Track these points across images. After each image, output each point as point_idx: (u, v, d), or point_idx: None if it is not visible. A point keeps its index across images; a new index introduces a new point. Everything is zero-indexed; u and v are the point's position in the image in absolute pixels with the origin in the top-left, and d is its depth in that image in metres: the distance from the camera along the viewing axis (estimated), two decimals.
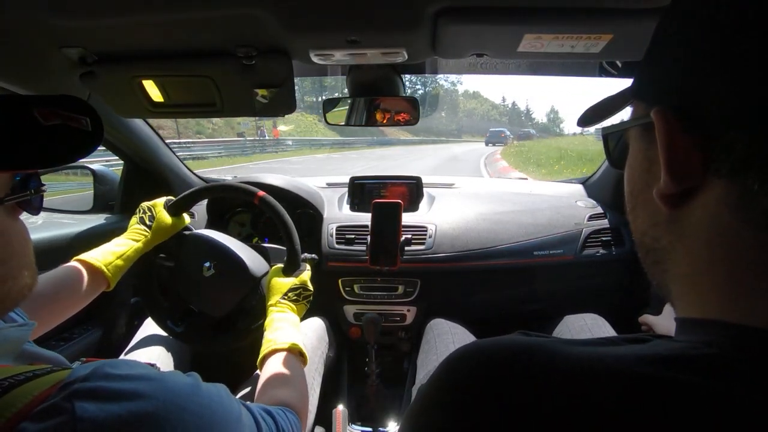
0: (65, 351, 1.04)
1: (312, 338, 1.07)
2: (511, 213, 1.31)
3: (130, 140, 1.20)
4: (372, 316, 1.06)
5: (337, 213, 1.33)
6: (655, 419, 0.21)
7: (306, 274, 0.86)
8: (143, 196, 1.05)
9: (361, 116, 0.88)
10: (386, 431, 1.09)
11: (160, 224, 0.89)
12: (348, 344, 1.35)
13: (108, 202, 1.31)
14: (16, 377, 0.31)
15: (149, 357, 0.95)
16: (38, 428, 0.28)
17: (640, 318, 0.89)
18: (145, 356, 0.95)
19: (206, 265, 0.90)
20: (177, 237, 0.93)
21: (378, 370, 1.10)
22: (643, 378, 0.22)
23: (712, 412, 0.20)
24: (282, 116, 0.87)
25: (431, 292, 1.26)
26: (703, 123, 0.24)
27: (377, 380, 1.10)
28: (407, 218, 1.24)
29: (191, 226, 0.98)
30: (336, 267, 1.24)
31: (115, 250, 0.81)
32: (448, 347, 1.05)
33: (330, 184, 1.51)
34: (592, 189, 1.45)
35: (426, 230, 1.24)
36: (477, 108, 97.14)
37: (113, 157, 1.28)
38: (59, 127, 0.38)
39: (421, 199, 1.36)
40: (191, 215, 1.33)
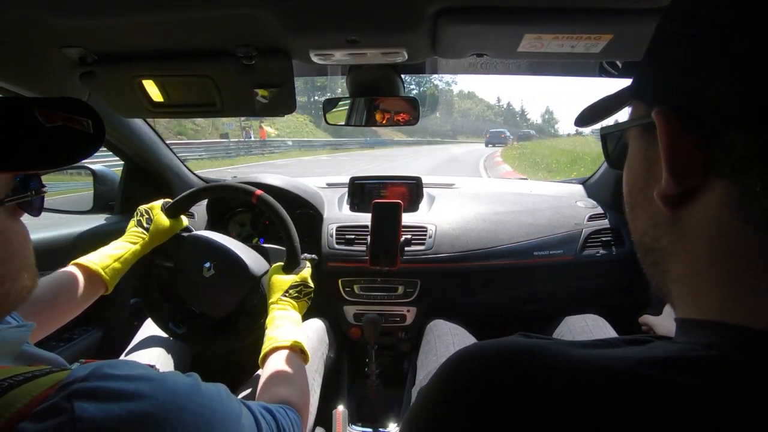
0: (65, 352, 1.04)
1: (312, 339, 1.07)
2: (511, 213, 1.31)
3: (130, 140, 1.20)
4: (372, 317, 1.06)
5: (337, 213, 1.32)
6: (655, 421, 0.21)
7: (306, 271, 0.86)
8: (143, 196, 1.05)
9: (361, 116, 0.88)
10: (386, 431, 1.09)
11: (158, 226, 0.89)
12: (348, 345, 1.34)
13: (108, 202, 1.31)
14: (15, 378, 0.31)
15: (149, 358, 0.95)
16: (37, 428, 0.28)
17: (641, 318, 0.89)
18: (145, 357, 0.95)
19: (206, 266, 0.90)
20: (175, 239, 0.93)
21: (378, 371, 1.10)
22: (643, 380, 0.22)
23: (712, 414, 0.20)
24: (282, 116, 0.87)
25: (431, 293, 1.25)
26: (704, 123, 0.23)
27: (377, 381, 1.10)
28: (407, 218, 1.24)
29: (191, 227, 0.98)
30: (336, 267, 1.24)
31: (113, 253, 0.81)
32: (448, 348, 1.05)
33: (330, 185, 1.51)
34: (592, 189, 1.45)
35: (426, 230, 1.24)
36: (472, 108, 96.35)
37: (114, 158, 1.28)
38: (60, 129, 0.38)
39: (421, 200, 1.36)
40: (191, 216, 1.33)
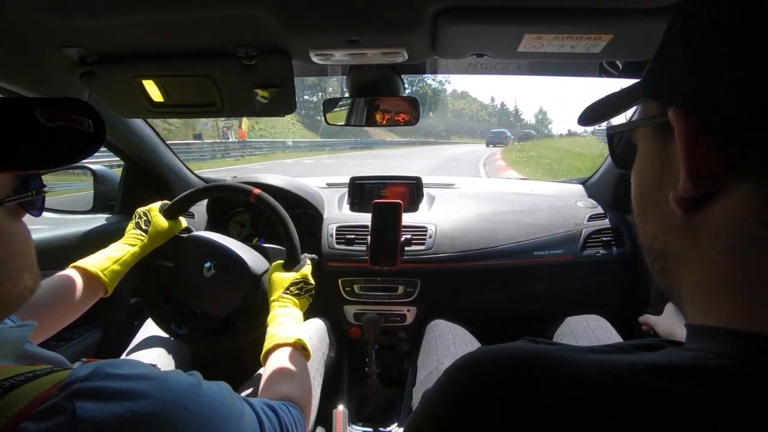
0: (65, 351, 1.04)
1: (313, 339, 1.07)
2: (512, 213, 1.31)
3: (130, 140, 1.20)
4: (372, 317, 1.05)
5: (337, 213, 1.32)
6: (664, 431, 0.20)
7: (307, 269, 0.86)
8: (143, 197, 1.05)
9: (361, 117, 0.88)
10: (387, 431, 1.09)
11: (157, 228, 0.89)
12: (348, 344, 1.34)
13: (108, 202, 1.31)
14: (17, 377, 0.31)
15: (150, 357, 0.95)
16: (39, 428, 0.28)
17: (641, 318, 0.89)
18: (146, 357, 0.95)
19: (206, 266, 0.90)
20: (174, 240, 0.94)
21: (378, 371, 1.09)
22: (652, 389, 0.21)
23: (726, 424, 0.20)
24: (282, 116, 0.87)
25: (431, 293, 1.25)
26: (725, 124, 0.23)
27: (377, 380, 1.10)
28: (407, 218, 1.24)
29: (191, 228, 0.98)
30: (336, 267, 1.24)
31: (112, 256, 0.81)
32: (449, 348, 1.05)
33: (330, 185, 1.51)
34: (592, 189, 1.45)
35: (426, 230, 1.24)
36: (465, 108, 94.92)
37: (115, 158, 1.28)
38: (61, 129, 0.38)
39: (421, 200, 1.36)
40: (191, 216, 1.34)
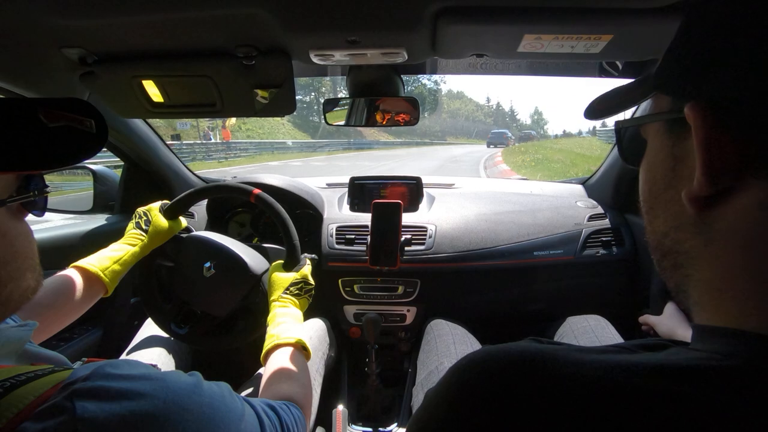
0: (66, 351, 1.04)
1: (313, 339, 1.07)
2: (512, 213, 1.31)
3: (130, 140, 1.20)
4: (372, 316, 1.06)
5: (337, 213, 1.33)
6: None
7: (307, 269, 0.87)
8: (143, 197, 1.05)
9: (361, 117, 0.88)
10: (387, 431, 1.10)
11: (156, 228, 0.89)
12: (348, 344, 1.35)
13: (108, 202, 1.31)
14: (18, 377, 0.31)
15: (150, 357, 0.95)
16: (39, 428, 0.28)
17: (641, 318, 0.89)
18: (146, 356, 0.95)
19: (206, 266, 0.90)
20: (174, 240, 0.94)
21: (378, 370, 1.10)
22: (657, 390, 0.21)
23: (732, 426, 0.20)
24: (282, 116, 0.87)
25: (431, 292, 1.26)
26: (743, 121, 0.22)
27: (377, 380, 1.10)
28: (407, 218, 1.24)
29: (191, 227, 0.98)
30: (336, 267, 1.24)
31: (112, 255, 0.81)
32: (449, 347, 1.05)
33: (330, 185, 1.51)
34: (592, 189, 1.45)
35: (426, 230, 1.24)
36: (461, 108, 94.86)
37: (114, 159, 1.28)
38: (63, 129, 0.38)
39: (421, 200, 1.36)
40: (191, 216, 1.34)
